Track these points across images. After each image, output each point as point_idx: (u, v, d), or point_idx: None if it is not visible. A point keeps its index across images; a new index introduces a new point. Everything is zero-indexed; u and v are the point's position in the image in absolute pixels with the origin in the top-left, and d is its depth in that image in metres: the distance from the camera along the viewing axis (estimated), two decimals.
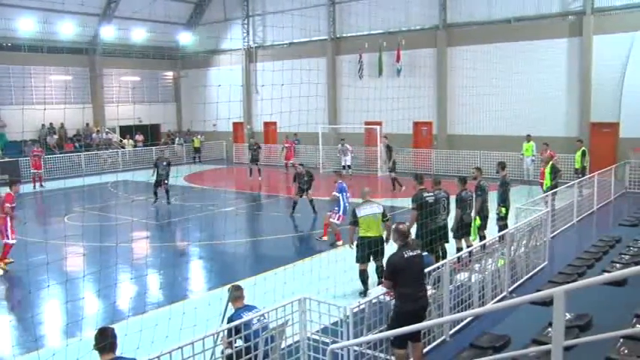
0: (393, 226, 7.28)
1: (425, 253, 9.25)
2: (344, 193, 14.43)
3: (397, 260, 6.86)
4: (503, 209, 12.74)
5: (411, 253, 6.90)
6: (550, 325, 4.76)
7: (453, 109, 26.90)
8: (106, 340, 5.29)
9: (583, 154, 19.53)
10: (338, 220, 14.22)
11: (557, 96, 23.74)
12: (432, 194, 10.91)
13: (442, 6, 26.67)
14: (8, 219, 12.97)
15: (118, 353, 5.38)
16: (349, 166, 24.82)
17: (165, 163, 20.53)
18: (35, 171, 25.47)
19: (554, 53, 23.70)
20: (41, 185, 25.26)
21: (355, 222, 10.19)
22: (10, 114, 29.11)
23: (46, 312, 10.53)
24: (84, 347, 8.02)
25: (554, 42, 23.73)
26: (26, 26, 28.48)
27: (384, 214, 10.34)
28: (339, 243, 13.92)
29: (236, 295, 6.90)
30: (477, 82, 25.38)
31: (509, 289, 9.88)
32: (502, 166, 13.49)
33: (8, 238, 12.97)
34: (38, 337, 9.20)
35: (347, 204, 14.31)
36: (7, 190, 13.45)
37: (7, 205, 12.99)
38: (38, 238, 15.23)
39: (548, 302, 4.42)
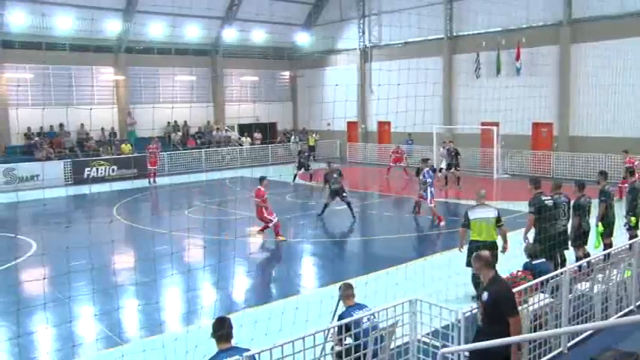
0: (475, 254, 6.46)
1: (542, 260, 8.88)
2: (429, 180, 16.51)
3: (510, 292, 6.19)
4: (633, 218, 11.90)
5: (507, 283, 6.26)
6: None
7: (576, 110, 25.42)
8: (223, 329, 5.50)
9: None
10: (431, 203, 16.27)
11: None
12: (550, 198, 10.42)
13: (567, 0, 25.26)
14: (264, 209, 14.86)
15: (233, 343, 5.58)
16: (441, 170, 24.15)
17: (336, 175, 18.21)
18: (151, 167, 26.10)
19: None
20: (154, 182, 25.82)
21: (467, 224, 9.93)
22: (140, 112, 31.17)
23: (168, 299, 11.17)
24: (202, 334, 8.45)
25: None
26: (156, 30, 30.39)
27: (498, 219, 9.97)
28: (442, 224, 16.00)
29: (347, 293, 6.97)
30: (604, 80, 23.86)
31: (638, 304, 9.20)
32: (630, 171, 12.65)
33: (271, 222, 14.94)
34: (161, 322, 9.80)
35: (432, 189, 16.62)
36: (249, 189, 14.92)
37: (257, 199, 14.83)
38: (163, 229, 16.19)
39: None
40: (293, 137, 35.93)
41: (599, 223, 11.15)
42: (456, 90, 29.79)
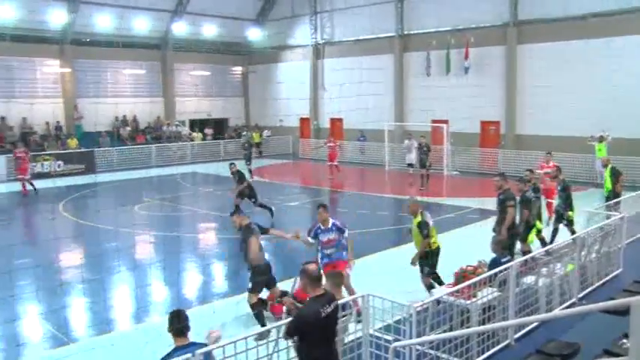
0: (302, 267, 5.64)
1: (509, 257, 8.91)
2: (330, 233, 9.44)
3: (311, 318, 5.37)
4: (571, 213, 12.52)
5: (328, 309, 5.43)
6: (625, 336, 4.58)
7: (523, 109, 26.12)
8: (179, 322, 5.30)
9: None
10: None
11: (637, 96, 22.61)
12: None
13: (513, 2, 25.92)
14: None
15: (189, 337, 5.44)
16: (412, 165, 24.20)
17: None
18: (22, 176, 21.86)
19: (634, 50, 22.59)
20: (24, 195, 21.58)
21: (428, 234, 9.51)
22: (87, 106, 30.41)
23: (117, 296, 10.94)
24: (151, 332, 8.33)
25: (636, 38, 22.60)
26: (103, 22, 29.61)
27: None
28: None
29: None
30: (548, 80, 24.60)
31: (579, 296, 9.55)
32: (559, 170, 13.52)
33: None
34: (110, 320, 9.62)
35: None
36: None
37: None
38: (111, 226, 15.86)
39: (623, 312, 4.26)
40: (245, 133, 35.62)
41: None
42: (407, 88, 30.15)
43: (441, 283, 9.73)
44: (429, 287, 9.49)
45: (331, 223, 9.40)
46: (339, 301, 6.66)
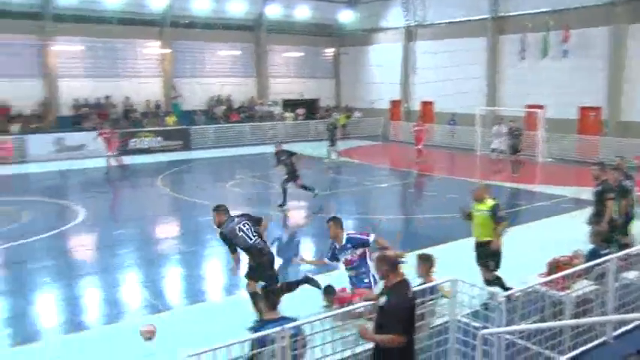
0: (378, 254, 5.42)
1: (610, 249, 8.46)
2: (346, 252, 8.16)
3: (405, 304, 5.22)
4: None
5: (411, 293, 5.36)
6: None
7: (630, 94, 24.54)
8: (274, 297, 5.65)
9: None
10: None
11: None
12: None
13: None
14: None
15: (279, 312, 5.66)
16: (502, 151, 23.24)
17: (284, 157, 16.39)
18: (111, 154, 22.24)
19: None
20: (123, 168, 22.41)
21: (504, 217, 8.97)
22: (184, 86, 31.62)
23: (209, 269, 11.40)
24: (241, 304, 8.62)
25: None
26: (201, 5, 30.65)
27: None
28: None
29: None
30: None
31: None
32: None
33: None
34: (201, 291, 10.07)
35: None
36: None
37: None
38: (204, 200, 16.48)
39: None
40: (335, 114, 35.69)
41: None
42: (500, 71, 29.13)
43: (504, 287, 8.52)
44: (491, 282, 8.62)
45: (345, 239, 8.09)
46: (429, 285, 6.69)
